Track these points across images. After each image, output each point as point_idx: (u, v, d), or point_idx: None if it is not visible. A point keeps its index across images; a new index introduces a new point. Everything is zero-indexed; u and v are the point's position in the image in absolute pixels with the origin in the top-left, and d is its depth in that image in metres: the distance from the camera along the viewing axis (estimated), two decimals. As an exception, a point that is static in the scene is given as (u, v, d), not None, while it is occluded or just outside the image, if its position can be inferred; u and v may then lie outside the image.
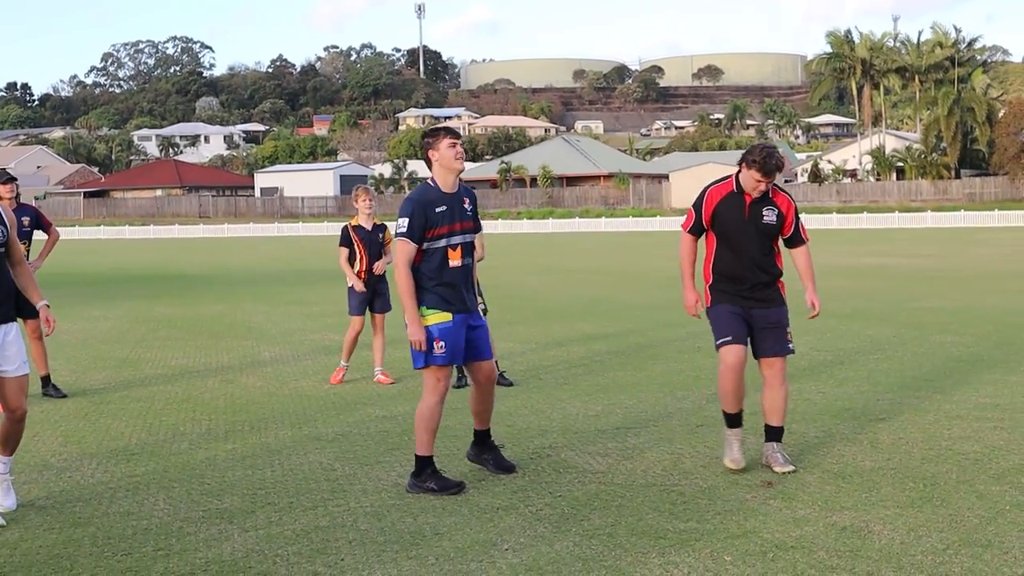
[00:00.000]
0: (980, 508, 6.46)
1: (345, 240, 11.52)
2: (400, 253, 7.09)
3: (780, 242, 7.63)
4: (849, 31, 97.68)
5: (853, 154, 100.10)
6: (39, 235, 11.55)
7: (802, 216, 7.77)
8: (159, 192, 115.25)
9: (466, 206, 7.34)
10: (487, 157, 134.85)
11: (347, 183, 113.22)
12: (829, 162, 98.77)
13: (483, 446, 7.69)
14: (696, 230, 7.60)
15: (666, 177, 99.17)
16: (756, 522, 6.28)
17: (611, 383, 11.29)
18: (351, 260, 11.54)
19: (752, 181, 7.31)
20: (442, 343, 7.12)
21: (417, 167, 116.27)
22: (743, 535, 6.06)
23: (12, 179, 11.07)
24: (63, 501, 7.06)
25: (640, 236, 63.76)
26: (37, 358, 11.05)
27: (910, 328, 15.33)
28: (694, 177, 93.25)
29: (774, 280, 7.57)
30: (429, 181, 7.32)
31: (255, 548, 6.02)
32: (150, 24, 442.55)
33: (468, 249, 7.28)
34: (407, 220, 7.06)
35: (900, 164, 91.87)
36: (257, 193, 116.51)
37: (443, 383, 7.22)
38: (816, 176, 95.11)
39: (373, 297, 11.62)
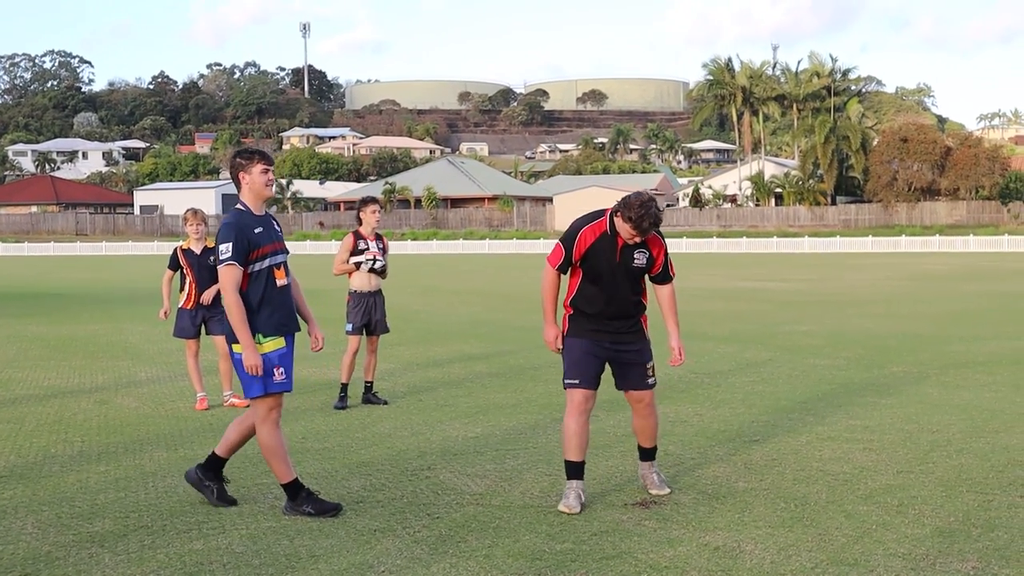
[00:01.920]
0: (848, 528, 6.62)
1: (173, 263, 11.37)
2: (228, 279, 6.91)
3: (646, 278, 7.50)
4: (730, 59, 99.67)
5: (733, 179, 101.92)
6: None
7: (683, 240, 7.85)
8: (34, 208, 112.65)
9: (276, 227, 7.30)
10: (372, 178, 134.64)
11: (229, 202, 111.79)
12: (710, 187, 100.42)
13: (214, 472, 7.43)
14: (564, 268, 7.32)
15: (550, 200, 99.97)
16: (631, 543, 6.36)
17: (491, 404, 11.33)
18: (181, 284, 11.39)
19: (626, 232, 7.10)
20: (282, 369, 7.06)
21: (301, 187, 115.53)
22: (618, 556, 6.12)
23: None
24: (-74, 526, 6.86)
25: (524, 258, 64.04)
26: None
27: (785, 351, 15.65)
28: (578, 200, 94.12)
29: (638, 316, 7.49)
30: (239, 206, 7.18)
31: (126, 572, 5.91)
32: (26, 37, 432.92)
33: (287, 269, 7.26)
34: (230, 245, 6.91)
35: (779, 190, 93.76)
36: (137, 211, 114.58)
37: (276, 411, 7.11)
38: (697, 201, 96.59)
39: (206, 320, 11.37)
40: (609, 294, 7.27)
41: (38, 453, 9.07)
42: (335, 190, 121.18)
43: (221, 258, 6.95)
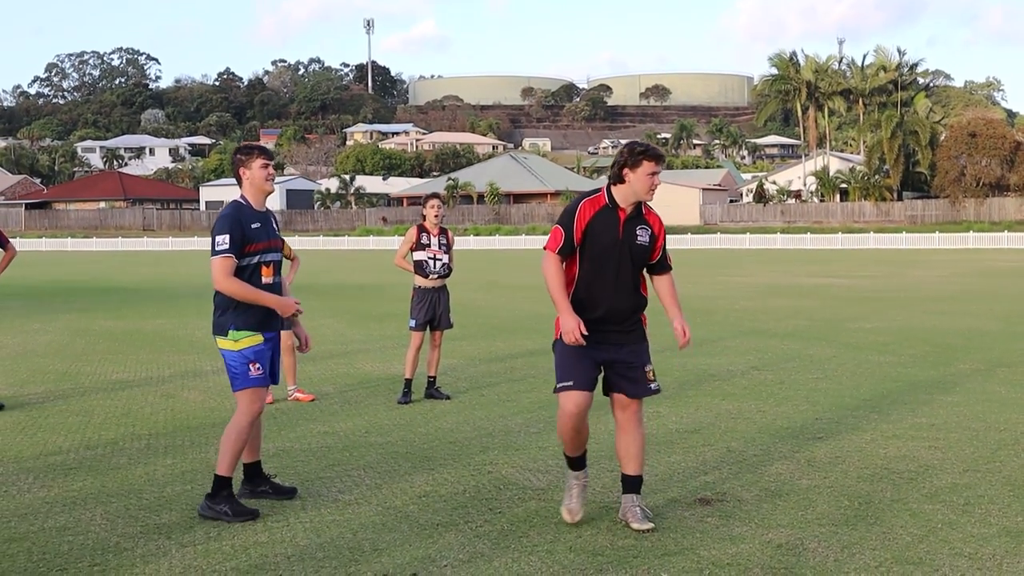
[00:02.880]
0: (913, 526, 6.56)
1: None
2: (222, 271, 6.94)
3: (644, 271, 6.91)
4: (794, 53, 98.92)
5: (798, 175, 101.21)
6: None
7: (747, 236, 7.65)
8: (102, 204, 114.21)
9: (274, 224, 7.35)
10: (434, 173, 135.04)
11: (294, 197, 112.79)
12: (774, 183, 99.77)
13: (258, 479, 7.52)
14: (566, 251, 6.62)
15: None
16: (693, 539, 6.34)
17: (552, 400, 11.28)
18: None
19: (646, 177, 6.57)
20: (258, 364, 7.07)
21: (364, 182, 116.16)
22: (680, 552, 6.11)
23: None
24: (-2, 516, 6.99)
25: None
26: None
27: (849, 348, 15.51)
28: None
29: (639, 311, 6.85)
30: (240, 199, 7.24)
31: (193, 564, 5.99)
32: (95, 35, 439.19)
33: (278, 267, 7.30)
34: (227, 236, 6.94)
35: (844, 185, 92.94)
36: (202, 207, 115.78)
37: (258, 405, 7.15)
38: (761, 197, 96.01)
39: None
40: (613, 282, 6.64)
41: (106, 445, 9.21)
42: (398, 185, 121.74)
43: (216, 249, 6.95)
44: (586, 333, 6.48)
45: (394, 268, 12.45)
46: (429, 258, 11.41)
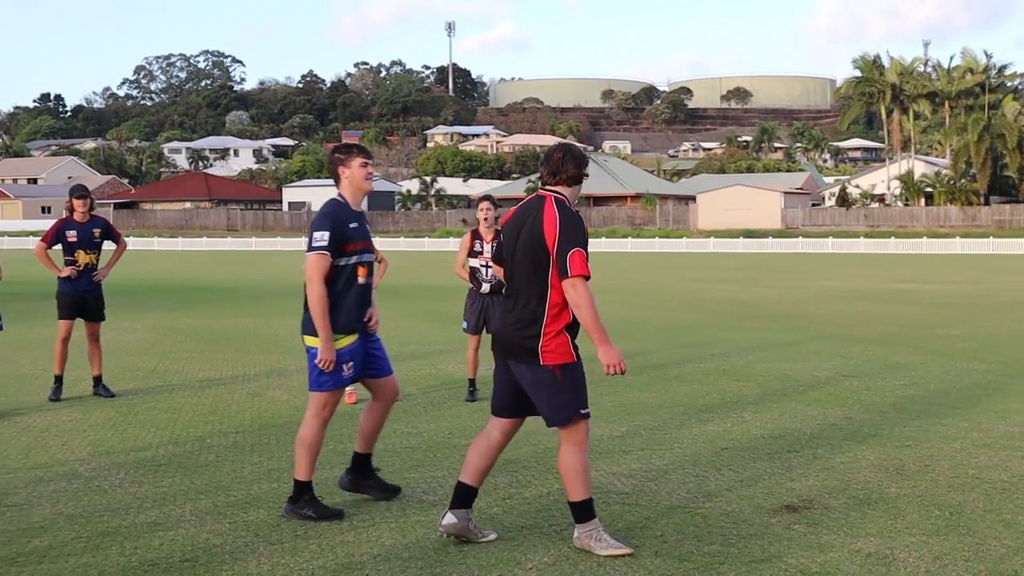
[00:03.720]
0: (1007, 538, 6.44)
1: None
2: (317, 267, 6.90)
3: None
4: (878, 56, 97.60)
5: (882, 179, 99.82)
6: (108, 244, 12.11)
7: (829, 240, 7.43)
8: (188, 204, 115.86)
9: (367, 226, 7.34)
10: (514, 176, 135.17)
11: (375, 199, 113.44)
12: (857, 186, 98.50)
13: (365, 471, 7.50)
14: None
15: (693, 199, 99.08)
16: (780, 547, 6.28)
17: (635, 404, 11.29)
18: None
19: (577, 192, 6.38)
20: (351, 363, 7.09)
21: (445, 184, 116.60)
22: (767, 560, 6.06)
23: (85, 194, 11.74)
24: (91, 510, 7.12)
25: (666, 257, 63.71)
26: (94, 360, 11.82)
27: (936, 354, 15.27)
28: (721, 198, 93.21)
29: None
30: (338, 198, 7.19)
31: (280, 561, 6.06)
32: (183, 38, 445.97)
33: (371, 268, 7.29)
34: (327, 234, 6.91)
35: (929, 189, 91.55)
36: (285, 207, 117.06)
37: (330, 409, 7.15)
38: (844, 200, 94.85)
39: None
40: None
41: (195, 443, 9.34)
42: (478, 187, 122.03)
43: (314, 245, 6.93)
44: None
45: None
46: (482, 265, 11.37)
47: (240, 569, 5.94)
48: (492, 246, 11.31)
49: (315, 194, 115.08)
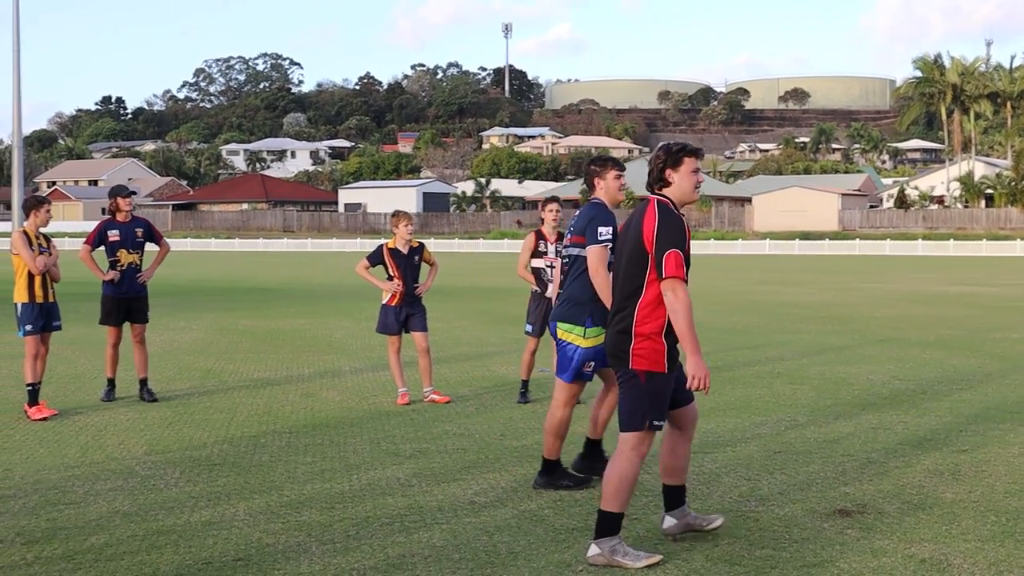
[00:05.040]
0: (1063, 544, 6.35)
1: (375, 258, 11.53)
2: (601, 259, 7.23)
3: None
4: (939, 56, 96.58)
5: (941, 180, 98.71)
6: (150, 247, 12.10)
7: (887, 242, 7.29)
8: (245, 206, 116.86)
9: None
10: (569, 177, 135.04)
11: (430, 200, 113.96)
12: (916, 188, 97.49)
13: (595, 455, 8.04)
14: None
15: (749, 200, 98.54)
16: (833, 551, 6.24)
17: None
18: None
19: (693, 176, 6.27)
20: (593, 364, 7.50)
21: (500, 186, 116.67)
22: (819, 564, 6.01)
23: (131, 193, 11.85)
24: (147, 508, 7.20)
25: (721, 259, 63.41)
26: (138, 362, 11.73)
27: (995, 359, 15.08)
28: (778, 200, 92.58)
29: None
30: (596, 201, 7.65)
31: (332, 561, 6.09)
32: (242, 41, 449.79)
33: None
34: (610, 229, 7.29)
35: (989, 191, 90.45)
36: (341, 209, 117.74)
37: (576, 396, 7.73)
38: (902, 202, 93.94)
39: (408, 317, 11.60)
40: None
41: (249, 442, 9.41)
42: (533, 189, 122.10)
43: (600, 238, 7.25)
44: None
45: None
46: (547, 266, 11.36)
47: (292, 569, 5.98)
48: (557, 247, 11.33)
49: (371, 196, 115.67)
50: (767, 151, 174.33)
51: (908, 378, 13.22)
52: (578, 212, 7.71)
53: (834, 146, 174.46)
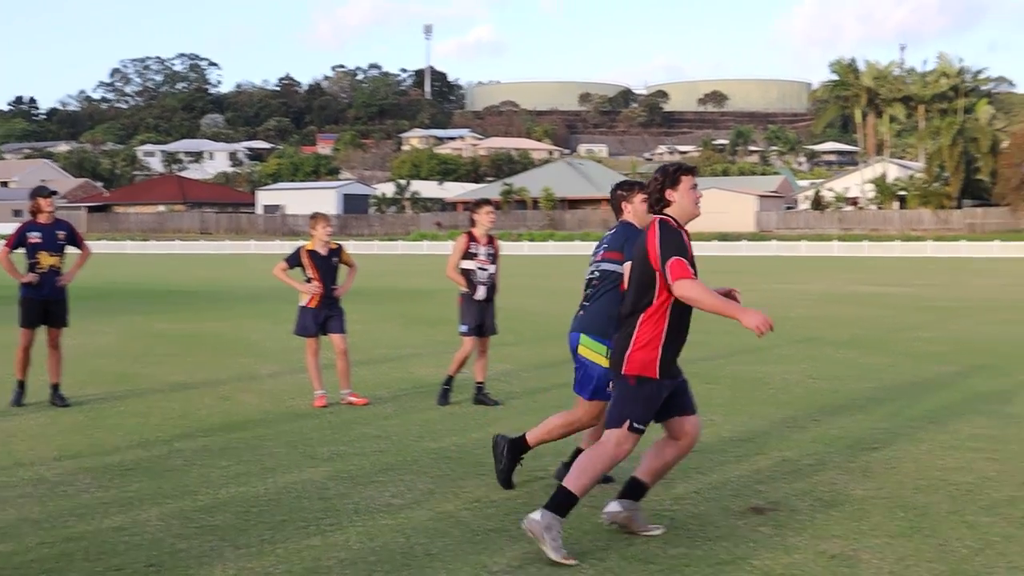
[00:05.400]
0: (970, 539, 6.48)
1: (293, 260, 11.49)
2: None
3: None
4: (854, 59, 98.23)
5: (856, 182, 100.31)
6: (71, 249, 11.89)
7: (802, 243, 7.47)
8: (162, 208, 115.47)
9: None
10: (489, 179, 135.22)
11: (350, 202, 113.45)
12: (831, 190, 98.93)
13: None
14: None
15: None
16: (746, 549, 6.31)
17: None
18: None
19: (692, 193, 6.51)
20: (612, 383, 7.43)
21: (420, 187, 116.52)
22: (732, 562, 6.08)
23: (52, 193, 11.66)
24: (57, 515, 7.08)
25: (641, 260, 63.75)
26: (51, 366, 11.53)
27: (907, 357, 15.35)
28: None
29: None
30: (630, 221, 7.78)
31: (246, 566, 6.04)
32: (159, 41, 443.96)
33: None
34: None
35: (902, 193, 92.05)
36: (259, 210, 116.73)
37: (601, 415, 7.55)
38: (818, 204, 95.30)
39: (327, 320, 11.56)
40: (691, 308, 6.41)
41: (162, 447, 9.30)
42: (453, 191, 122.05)
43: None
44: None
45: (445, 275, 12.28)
46: (478, 268, 11.39)
47: (206, 573, 5.92)
48: (487, 250, 11.39)
49: (290, 197, 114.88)
50: (686, 153, 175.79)
51: (822, 377, 13.41)
52: (612, 230, 7.84)
53: (752, 148, 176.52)
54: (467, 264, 11.43)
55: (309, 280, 11.45)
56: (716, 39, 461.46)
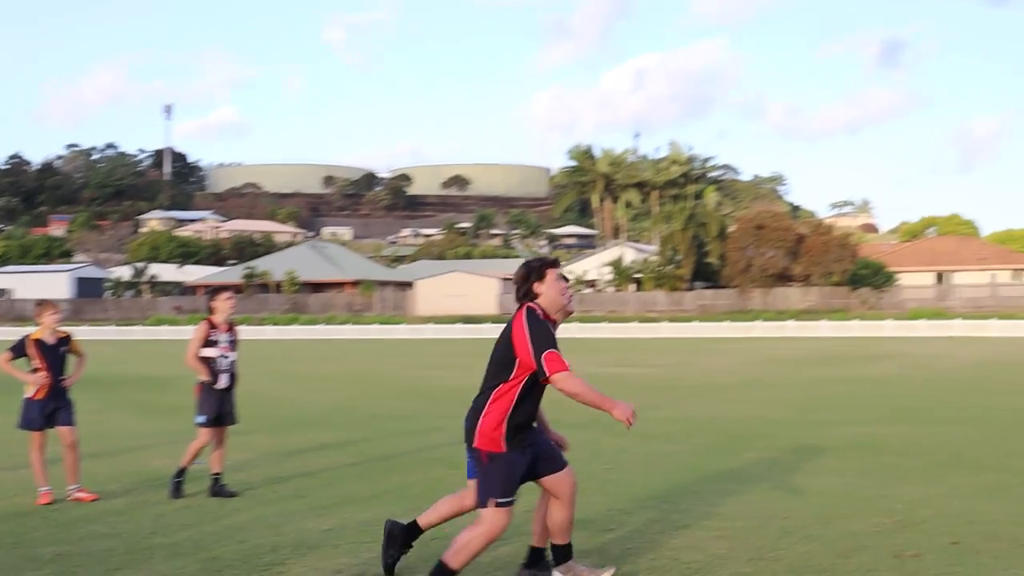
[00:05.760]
0: (698, 618, 6.66)
1: (18, 350, 11.03)
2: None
3: None
4: (591, 146, 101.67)
5: (594, 265, 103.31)
6: None
7: None
8: None
9: None
10: (231, 261, 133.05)
11: (84, 286, 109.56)
12: (570, 272, 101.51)
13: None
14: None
15: (411, 284, 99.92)
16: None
17: (347, 496, 11.18)
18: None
19: (557, 284, 7.17)
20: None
21: (159, 270, 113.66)
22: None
23: None
24: None
25: (383, 344, 63.77)
26: None
27: (640, 437, 15.75)
28: (440, 284, 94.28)
29: None
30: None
31: None
32: None
33: None
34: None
35: (638, 275, 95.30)
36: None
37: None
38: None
39: (55, 412, 11.10)
40: (542, 388, 7.10)
41: None
42: (194, 274, 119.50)
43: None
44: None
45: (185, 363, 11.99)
46: (219, 355, 11.18)
47: None
48: (228, 336, 11.17)
49: (18, 281, 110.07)
50: (430, 236, 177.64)
51: (560, 459, 13.59)
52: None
53: (494, 231, 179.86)
54: (208, 352, 11.18)
55: (36, 371, 10.96)
56: (459, 124, 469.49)
